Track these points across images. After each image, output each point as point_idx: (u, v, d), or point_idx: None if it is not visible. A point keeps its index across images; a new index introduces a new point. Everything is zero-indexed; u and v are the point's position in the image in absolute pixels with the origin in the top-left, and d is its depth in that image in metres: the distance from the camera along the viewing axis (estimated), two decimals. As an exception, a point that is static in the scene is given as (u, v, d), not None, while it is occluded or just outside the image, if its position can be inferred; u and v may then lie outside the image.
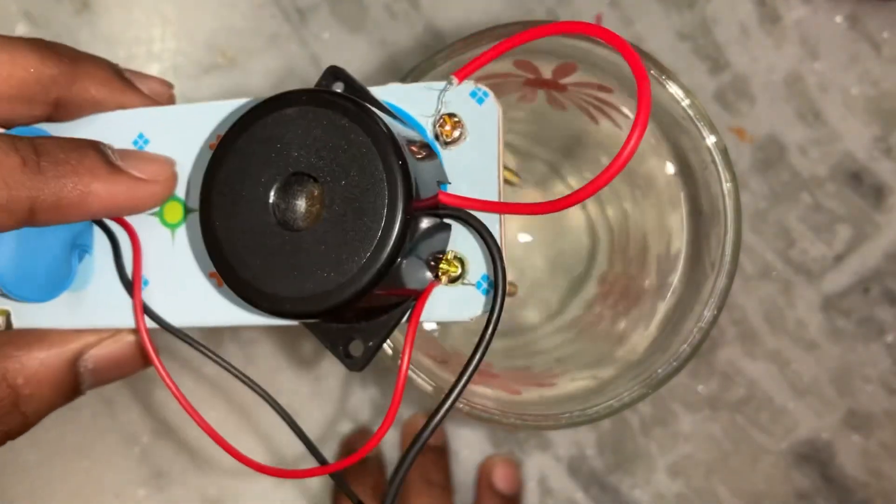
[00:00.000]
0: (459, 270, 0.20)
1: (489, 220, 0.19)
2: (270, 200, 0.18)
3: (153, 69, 0.36)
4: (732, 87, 0.36)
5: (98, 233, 0.22)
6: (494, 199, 0.20)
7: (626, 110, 0.28)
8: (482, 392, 0.28)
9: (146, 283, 0.22)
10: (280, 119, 0.18)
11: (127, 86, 0.22)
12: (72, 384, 0.22)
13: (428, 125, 0.20)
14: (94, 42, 0.36)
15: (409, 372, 0.26)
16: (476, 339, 0.19)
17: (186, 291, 0.21)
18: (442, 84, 0.20)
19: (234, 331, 0.37)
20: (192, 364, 0.37)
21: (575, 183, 0.32)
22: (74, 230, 0.22)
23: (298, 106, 0.18)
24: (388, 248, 0.17)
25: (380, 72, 0.36)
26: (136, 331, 0.22)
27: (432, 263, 0.20)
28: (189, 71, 0.36)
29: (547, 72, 0.27)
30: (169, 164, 0.21)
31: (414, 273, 0.19)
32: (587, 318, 0.31)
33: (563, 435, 0.37)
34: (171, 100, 0.23)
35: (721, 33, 0.36)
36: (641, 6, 0.36)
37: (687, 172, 0.28)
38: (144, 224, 0.22)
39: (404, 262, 0.18)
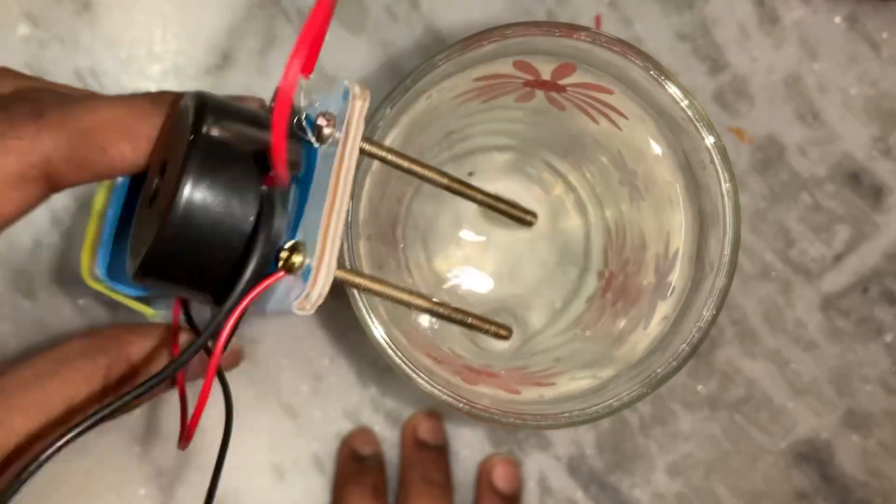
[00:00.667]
0: (301, 261, 0.20)
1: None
2: (151, 183, 0.22)
3: (154, 70, 0.36)
4: (732, 87, 0.36)
5: None
6: (325, 204, 0.20)
7: (625, 111, 0.28)
8: (482, 391, 0.28)
9: None
10: (175, 118, 0.22)
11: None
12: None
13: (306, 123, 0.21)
14: (95, 43, 0.36)
15: (410, 371, 0.26)
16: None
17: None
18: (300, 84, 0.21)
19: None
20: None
21: (575, 182, 0.33)
22: None
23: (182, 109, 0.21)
24: (170, 225, 0.19)
25: (380, 72, 0.36)
26: None
27: (276, 254, 0.21)
28: (190, 71, 0.36)
29: (546, 73, 0.27)
30: None
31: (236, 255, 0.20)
32: (586, 318, 0.31)
33: (563, 434, 0.37)
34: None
35: (720, 34, 0.36)
36: (640, 7, 0.36)
37: (686, 173, 0.28)
38: None
39: (213, 240, 0.20)
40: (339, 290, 0.27)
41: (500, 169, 0.33)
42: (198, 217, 0.19)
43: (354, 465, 0.36)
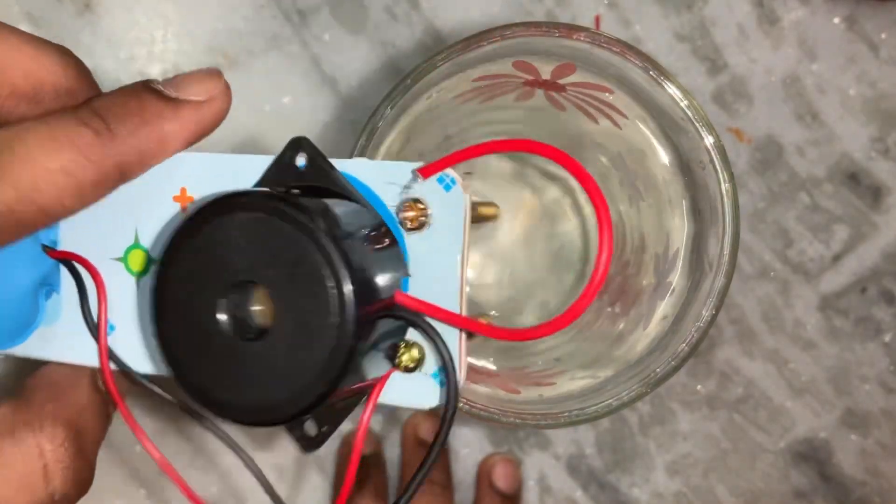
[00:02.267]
0: (416, 363, 0.20)
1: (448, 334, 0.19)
2: (220, 309, 0.18)
3: (154, 70, 0.36)
4: (731, 87, 0.36)
5: (66, 271, 0.21)
6: (455, 302, 0.19)
7: (625, 111, 0.28)
8: (482, 391, 0.28)
9: (112, 328, 0.21)
10: (227, 224, 0.18)
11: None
12: (102, 404, 0.22)
13: (392, 205, 0.19)
14: (96, 43, 0.36)
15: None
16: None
17: (151, 341, 0.21)
18: (408, 167, 0.19)
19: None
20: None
21: (574, 183, 0.33)
22: (41, 272, 0.21)
23: (244, 212, 0.18)
24: (338, 368, 0.17)
25: (380, 72, 0.36)
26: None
27: (390, 352, 0.20)
28: (190, 72, 0.37)
29: (546, 72, 0.27)
30: (217, 74, 0.20)
31: (369, 367, 0.19)
32: (585, 318, 0.31)
33: (563, 434, 0.37)
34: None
35: (719, 34, 0.36)
36: (640, 7, 0.36)
37: (685, 173, 0.28)
38: (110, 269, 0.21)
39: (358, 363, 0.18)
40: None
41: (499, 170, 0.33)
42: (361, 345, 0.18)
43: (358, 470, 0.36)
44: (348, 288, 0.17)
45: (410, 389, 0.20)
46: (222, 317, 0.18)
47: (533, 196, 0.33)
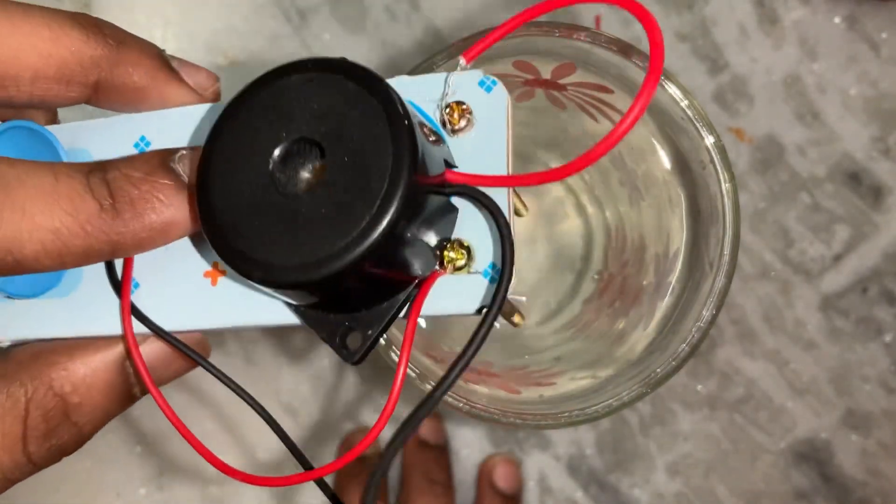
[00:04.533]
0: (465, 258, 0.19)
1: (498, 199, 0.18)
2: (271, 167, 0.17)
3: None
4: (731, 87, 0.36)
5: None
6: (503, 197, 0.18)
7: (625, 111, 0.28)
8: (482, 391, 0.28)
9: (136, 285, 0.20)
10: (285, 86, 0.18)
11: (172, 76, 0.20)
12: (124, 387, 0.20)
13: (435, 113, 0.19)
14: (96, 43, 0.36)
15: (410, 371, 0.26)
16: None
17: (179, 293, 0.20)
18: (444, 76, 0.19)
19: (235, 330, 0.37)
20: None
21: (574, 183, 0.33)
22: None
23: (303, 73, 0.18)
24: (390, 214, 0.16)
25: (380, 72, 0.36)
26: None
27: (437, 252, 0.19)
28: (190, 71, 0.37)
29: (546, 72, 0.27)
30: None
31: (417, 256, 0.18)
32: (585, 318, 0.31)
33: (563, 434, 0.37)
34: (215, 95, 0.21)
35: (720, 34, 0.36)
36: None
37: (686, 172, 0.28)
38: None
39: (407, 238, 0.17)
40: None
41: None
42: (410, 211, 0.17)
43: (355, 464, 0.36)
44: (407, 139, 0.17)
45: (458, 292, 0.18)
46: (273, 173, 0.17)
47: (534, 196, 0.32)
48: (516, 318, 0.24)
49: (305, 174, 0.18)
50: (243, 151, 0.18)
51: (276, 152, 0.17)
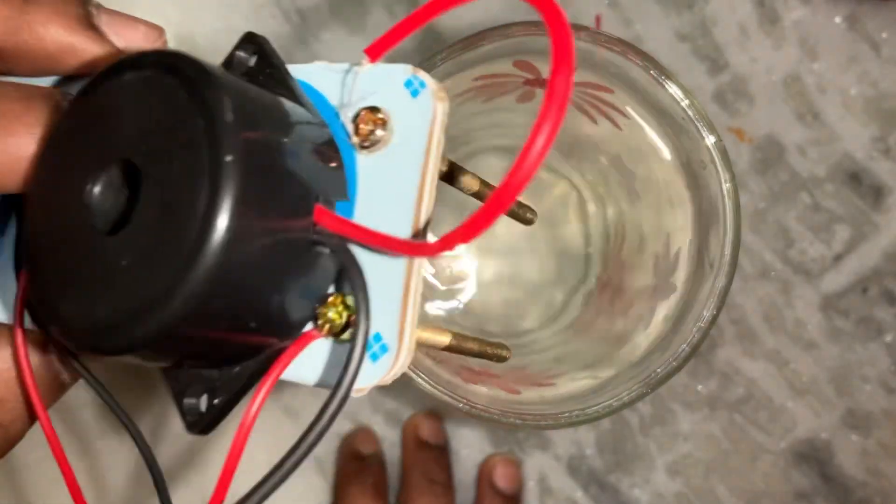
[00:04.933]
0: (345, 320, 0.14)
1: (391, 262, 0.14)
2: (86, 194, 0.14)
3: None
4: (731, 87, 0.36)
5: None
6: (405, 229, 0.14)
7: (627, 110, 0.28)
8: (482, 391, 0.28)
9: None
10: (118, 89, 0.14)
11: (94, 37, 0.17)
12: (49, 376, 0.17)
13: (345, 120, 0.15)
14: (95, 42, 0.36)
15: (410, 372, 0.26)
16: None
17: None
18: (373, 67, 0.15)
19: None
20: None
21: (574, 183, 0.33)
22: None
23: (139, 71, 0.14)
24: (199, 275, 0.12)
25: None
26: None
27: (315, 305, 0.15)
28: (189, 71, 0.36)
29: (546, 72, 0.27)
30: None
31: (275, 314, 0.14)
32: (586, 318, 0.31)
33: (563, 434, 0.37)
34: None
35: (720, 34, 0.36)
36: (641, 7, 0.36)
37: (686, 173, 0.28)
38: None
39: (248, 296, 0.13)
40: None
41: (501, 172, 0.33)
42: (243, 261, 0.13)
43: (355, 464, 0.36)
44: (229, 170, 0.12)
45: (332, 361, 0.15)
46: (87, 204, 0.14)
47: (535, 196, 0.32)
48: (504, 354, 0.22)
49: (116, 208, 0.14)
50: (66, 170, 0.14)
51: (95, 177, 0.14)
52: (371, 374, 0.14)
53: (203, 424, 0.15)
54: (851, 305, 0.36)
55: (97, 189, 0.14)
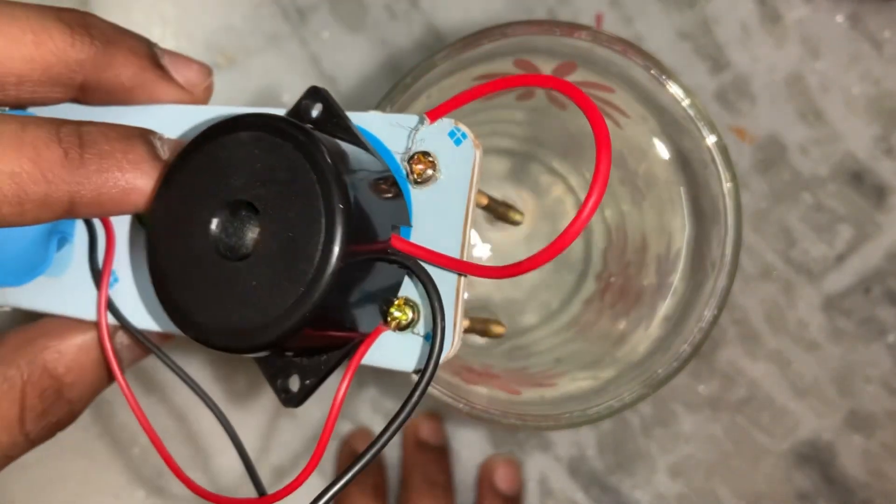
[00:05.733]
0: (410, 318, 0.19)
1: (445, 274, 0.18)
2: (212, 227, 0.18)
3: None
4: (733, 86, 0.36)
5: (83, 223, 0.22)
6: (456, 251, 0.18)
7: (627, 110, 0.28)
8: (482, 392, 0.28)
9: (116, 279, 0.21)
10: (231, 143, 0.18)
11: (160, 75, 0.20)
12: (99, 360, 0.22)
13: (401, 161, 0.19)
14: (94, 42, 0.36)
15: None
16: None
17: (152, 295, 0.20)
18: (415, 119, 0.19)
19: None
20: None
21: (575, 183, 0.32)
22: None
23: (250, 131, 0.18)
24: (318, 294, 0.16)
25: (379, 71, 0.36)
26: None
27: (383, 307, 0.19)
28: (189, 71, 0.36)
29: (547, 71, 0.27)
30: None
31: (358, 316, 0.18)
32: (586, 319, 0.31)
33: (564, 435, 0.37)
34: (208, 91, 0.22)
35: (722, 33, 0.36)
36: (642, 5, 0.36)
37: (687, 172, 0.28)
38: (123, 221, 0.21)
39: (341, 306, 0.17)
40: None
41: (501, 172, 0.33)
42: (345, 281, 0.17)
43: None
44: (339, 214, 0.17)
45: (399, 350, 0.19)
46: (212, 235, 0.18)
47: (533, 196, 0.32)
48: (497, 330, 0.24)
49: (242, 239, 0.18)
50: (188, 208, 0.18)
51: (217, 212, 0.18)
52: (414, 354, 0.19)
53: (296, 400, 0.19)
54: (854, 306, 0.36)
55: (218, 222, 0.18)
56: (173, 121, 0.21)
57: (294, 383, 0.19)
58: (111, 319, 0.21)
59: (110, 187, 0.18)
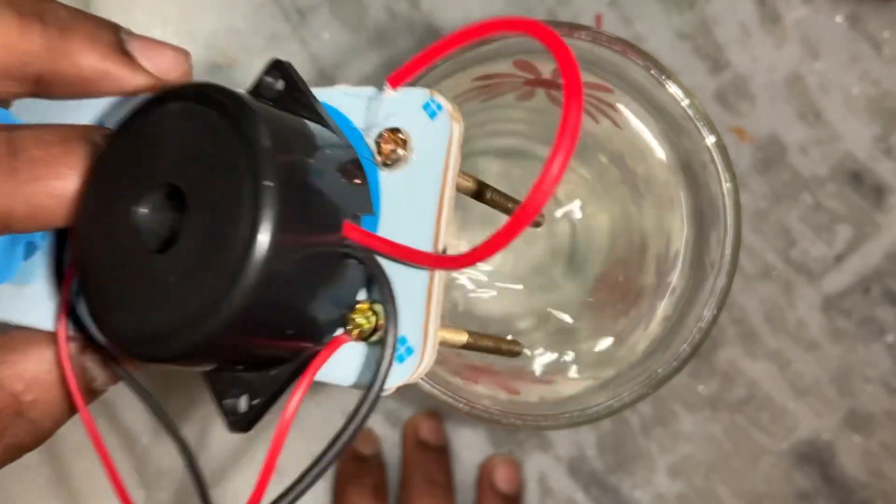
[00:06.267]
0: (373, 324, 0.16)
1: (414, 272, 0.16)
2: (135, 216, 0.15)
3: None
4: (733, 86, 0.36)
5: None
6: (427, 243, 0.16)
7: (626, 110, 0.28)
8: (482, 392, 0.28)
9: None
10: (160, 117, 0.16)
11: (127, 63, 0.18)
12: (82, 381, 0.19)
13: (368, 140, 0.16)
14: (95, 42, 0.36)
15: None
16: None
17: None
18: (373, 89, 0.17)
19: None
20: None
21: (575, 182, 0.32)
22: None
23: (179, 102, 0.15)
24: (242, 291, 0.14)
25: (379, 71, 0.36)
26: None
27: (346, 312, 0.16)
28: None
29: (546, 71, 0.27)
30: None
31: (310, 321, 0.16)
32: (586, 318, 0.31)
33: (564, 435, 0.37)
34: (185, 78, 0.19)
35: (721, 33, 0.36)
36: (641, 6, 0.36)
37: (687, 172, 0.28)
38: None
39: (286, 306, 0.15)
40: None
41: (500, 172, 0.33)
42: (281, 275, 0.14)
43: (355, 465, 0.36)
44: (269, 194, 0.14)
45: (358, 364, 0.16)
46: (135, 225, 0.15)
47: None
48: (514, 349, 0.22)
49: (166, 228, 0.15)
50: (113, 194, 0.16)
51: (142, 199, 0.15)
52: (398, 375, 0.16)
53: (244, 423, 0.16)
54: (853, 306, 0.36)
55: (143, 210, 0.15)
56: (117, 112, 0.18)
57: (243, 403, 0.16)
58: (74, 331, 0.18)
59: (43, 197, 0.16)
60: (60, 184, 0.16)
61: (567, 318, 0.32)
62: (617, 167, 0.30)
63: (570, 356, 0.30)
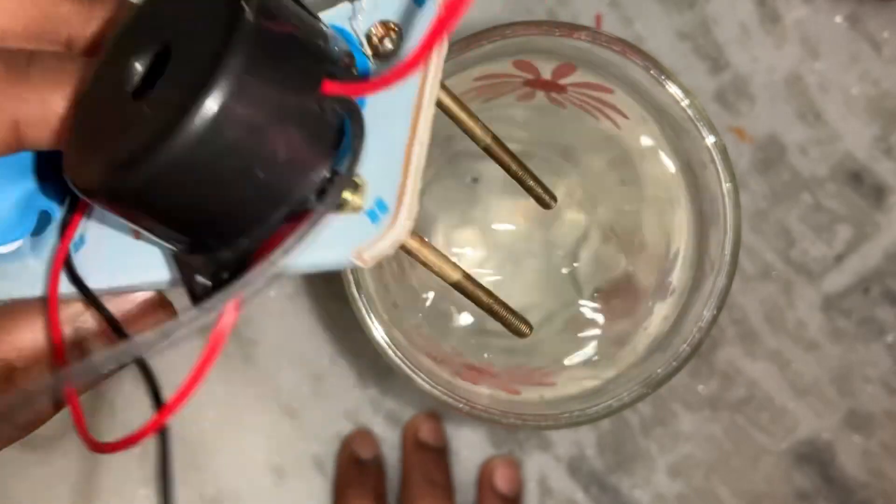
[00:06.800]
0: (350, 195, 0.15)
1: (396, 124, 0.15)
2: (125, 70, 0.16)
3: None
4: (732, 87, 0.36)
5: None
6: (403, 132, 0.15)
7: (627, 110, 0.28)
8: (482, 392, 0.28)
9: (84, 241, 0.18)
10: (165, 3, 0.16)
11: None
12: (76, 356, 0.19)
13: (360, 36, 0.16)
14: (95, 42, 0.36)
15: (410, 372, 0.26)
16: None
17: (115, 250, 0.18)
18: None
19: (234, 330, 0.37)
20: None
21: (575, 182, 0.32)
22: (25, 187, 0.19)
23: None
24: (199, 116, 0.13)
25: (380, 72, 0.36)
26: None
27: (324, 177, 0.15)
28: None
29: (546, 72, 0.27)
30: None
31: (272, 183, 0.15)
32: (585, 318, 0.31)
33: (563, 435, 0.37)
34: None
35: (721, 33, 0.36)
36: (641, 6, 0.36)
37: (686, 172, 0.28)
38: None
39: (251, 155, 0.14)
40: (340, 287, 0.27)
41: (500, 171, 0.33)
42: (235, 126, 0.14)
43: (355, 468, 0.36)
44: (245, 24, 0.14)
45: (331, 236, 0.15)
46: (122, 83, 0.15)
47: (528, 201, 0.32)
48: (523, 329, 0.22)
49: (142, 74, 0.16)
50: (112, 59, 0.16)
51: (134, 56, 0.16)
52: (369, 233, 0.15)
53: (204, 292, 0.16)
54: (853, 306, 0.36)
55: (131, 68, 0.15)
56: None
57: (209, 279, 0.16)
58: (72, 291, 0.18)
59: (58, 100, 0.16)
60: (73, 91, 0.16)
61: (567, 319, 0.32)
62: (617, 168, 0.30)
63: (570, 356, 0.30)
